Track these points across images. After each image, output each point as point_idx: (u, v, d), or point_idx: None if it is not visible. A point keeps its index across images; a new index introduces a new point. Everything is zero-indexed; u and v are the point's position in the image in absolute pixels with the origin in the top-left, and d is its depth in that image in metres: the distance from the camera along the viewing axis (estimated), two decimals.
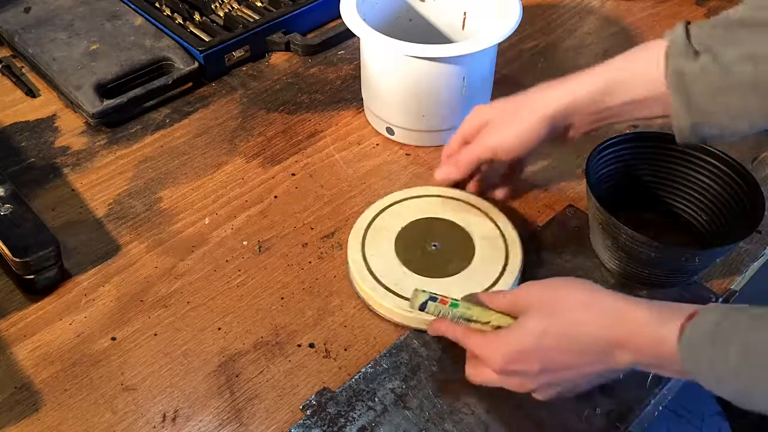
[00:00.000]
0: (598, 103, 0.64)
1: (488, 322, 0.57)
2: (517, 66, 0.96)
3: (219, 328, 0.67)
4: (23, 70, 0.96)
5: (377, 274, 0.68)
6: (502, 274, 0.68)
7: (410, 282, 0.66)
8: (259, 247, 0.74)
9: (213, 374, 0.64)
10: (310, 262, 0.72)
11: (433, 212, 0.73)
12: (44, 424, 0.60)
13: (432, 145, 0.85)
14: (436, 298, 0.58)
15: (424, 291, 0.59)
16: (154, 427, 0.60)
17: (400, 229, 0.72)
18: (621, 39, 1.01)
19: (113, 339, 0.66)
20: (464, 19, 0.88)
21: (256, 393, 0.62)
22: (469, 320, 0.58)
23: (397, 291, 0.66)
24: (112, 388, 0.63)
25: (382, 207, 0.74)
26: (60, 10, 0.98)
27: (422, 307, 0.58)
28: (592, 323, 0.52)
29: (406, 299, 0.63)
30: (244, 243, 0.74)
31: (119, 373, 0.64)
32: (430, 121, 0.82)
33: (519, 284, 0.66)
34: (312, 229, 0.76)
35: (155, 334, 0.67)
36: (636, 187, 0.73)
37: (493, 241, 0.70)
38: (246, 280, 0.71)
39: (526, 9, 0.81)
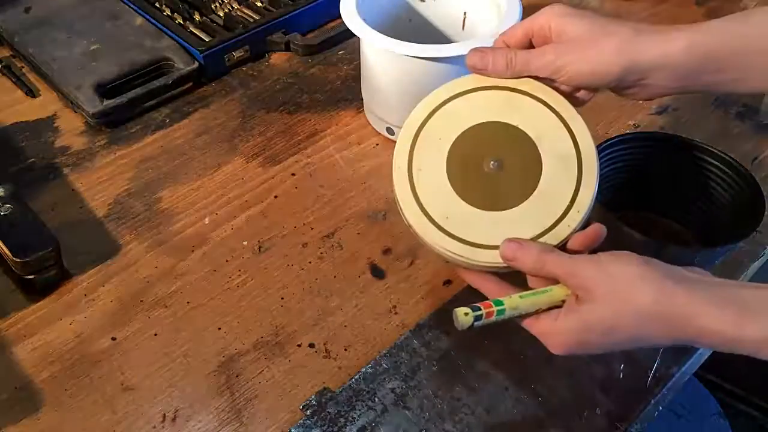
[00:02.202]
0: (693, 73, 0.55)
1: (538, 309, 0.53)
2: None
3: (219, 328, 0.67)
4: (23, 70, 0.96)
5: (423, 201, 0.57)
6: (566, 213, 0.56)
7: (460, 214, 0.56)
8: (259, 247, 0.74)
9: (213, 374, 0.64)
10: (310, 262, 0.72)
11: (499, 114, 0.59)
12: (44, 424, 0.60)
13: None
14: (481, 316, 0.51)
15: (466, 313, 0.51)
16: (154, 427, 0.60)
17: (456, 136, 0.59)
18: None
19: (113, 339, 0.66)
20: (464, 19, 0.88)
21: (256, 393, 0.62)
22: (519, 316, 0.53)
23: (443, 226, 0.56)
24: (112, 388, 0.63)
25: (441, 101, 0.60)
26: (60, 10, 0.98)
27: (471, 328, 0.52)
28: (659, 331, 0.50)
29: (454, 237, 0.56)
30: (244, 243, 0.74)
31: (119, 373, 0.64)
32: None
33: (583, 224, 0.57)
34: (312, 229, 0.76)
35: (155, 334, 0.67)
36: (636, 187, 0.73)
37: (566, 163, 0.57)
38: (246, 280, 0.71)
39: (526, 9, 0.81)
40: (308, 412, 0.60)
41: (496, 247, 0.55)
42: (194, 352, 0.65)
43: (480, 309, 0.52)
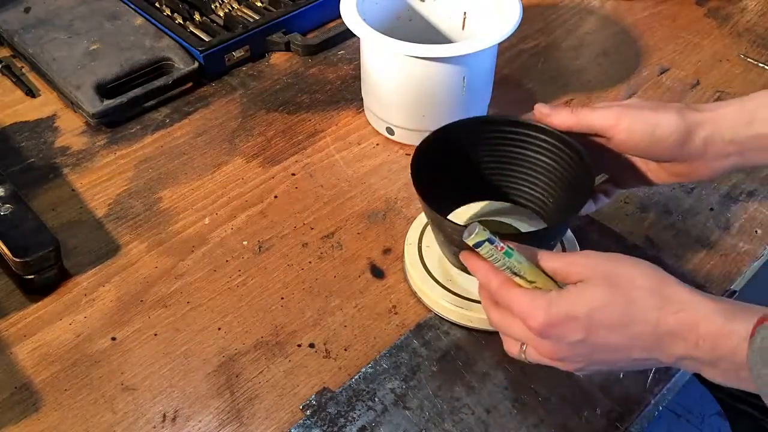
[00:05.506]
0: (741, 128, 0.58)
1: (533, 282, 0.53)
2: (517, 66, 0.96)
3: (219, 328, 0.67)
4: (23, 70, 0.96)
5: (429, 268, 0.68)
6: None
7: (459, 279, 0.67)
8: (259, 247, 0.74)
9: (213, 374, 0.64)
10: (310, 262, 0.72)
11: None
12: (44, 424, 0.60)
13: None
14: (494, 241, 0.52)
15: (485, 229, 0.52)
16: (154, 427, 0.60)
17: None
18: (621, 39, 1.01)
19: (113, 339, 0.66)
20: (464, 19, 0.88)
21: (256, 393, 0.62)
22: (515, 274, 0.53)
23: (446, 285, 0.67)
24: (112, 388, 0.63)
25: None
26: (60, 10, 0.98)
27: (477, 245, 0.52)
28: (653, 307, 0.49)
29: (452, 293, 0.66)
30: (244, 243, 0.74)
31: (119, 373, 0.64)
32: (430, 121, 0.82)
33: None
34: (312, 229, 0.76)
35: (155, 334, 0.67)
36: (476, 177, 0.68)
37: None
38: (246, 280, 0.71)
39: (526, 9, 0.81)
40: (308, 412, 0.60)
41: None
42: (194, 352, 0.65)
43: (496, 240, 0.52)
